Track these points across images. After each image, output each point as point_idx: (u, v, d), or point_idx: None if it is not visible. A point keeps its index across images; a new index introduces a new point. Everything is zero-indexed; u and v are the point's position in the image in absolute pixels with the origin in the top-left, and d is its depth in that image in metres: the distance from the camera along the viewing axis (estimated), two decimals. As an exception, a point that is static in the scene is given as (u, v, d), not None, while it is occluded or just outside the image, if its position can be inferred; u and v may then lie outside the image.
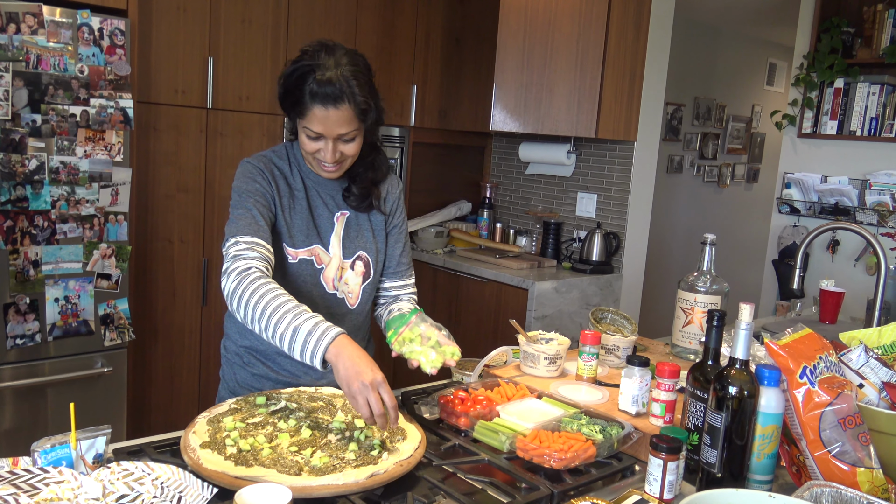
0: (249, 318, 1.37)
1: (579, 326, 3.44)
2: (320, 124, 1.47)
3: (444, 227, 4.08)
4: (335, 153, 1.52)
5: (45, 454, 1.05)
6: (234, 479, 1.11)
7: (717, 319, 1.34)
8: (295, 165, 1.64)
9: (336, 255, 1.64)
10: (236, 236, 1.48)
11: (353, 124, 1.49)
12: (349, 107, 1.46)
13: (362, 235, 1.68)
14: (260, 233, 1.49)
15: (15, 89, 2.33)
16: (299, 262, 1.60)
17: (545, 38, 3.35)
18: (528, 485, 1.25)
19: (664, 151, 5.09)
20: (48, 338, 2.51)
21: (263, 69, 3.21)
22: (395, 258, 1.75)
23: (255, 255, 1.45)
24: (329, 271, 1.63)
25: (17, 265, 2.41)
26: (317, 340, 1.29)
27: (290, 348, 1.32)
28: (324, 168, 1.57)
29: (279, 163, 1.63)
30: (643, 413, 1.50)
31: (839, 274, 3.84)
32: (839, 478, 1.20)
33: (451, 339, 1.51)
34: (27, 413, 2.52)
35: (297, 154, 1.66)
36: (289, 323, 1.32)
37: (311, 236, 1.61)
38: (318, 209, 1.64)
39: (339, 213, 1.66)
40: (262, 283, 1.38)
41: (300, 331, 1.31)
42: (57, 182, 2.45)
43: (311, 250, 1.61)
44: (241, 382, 1.67)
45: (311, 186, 1.65)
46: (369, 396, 1.24)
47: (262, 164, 1.59)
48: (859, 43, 3.89)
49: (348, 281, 1.66)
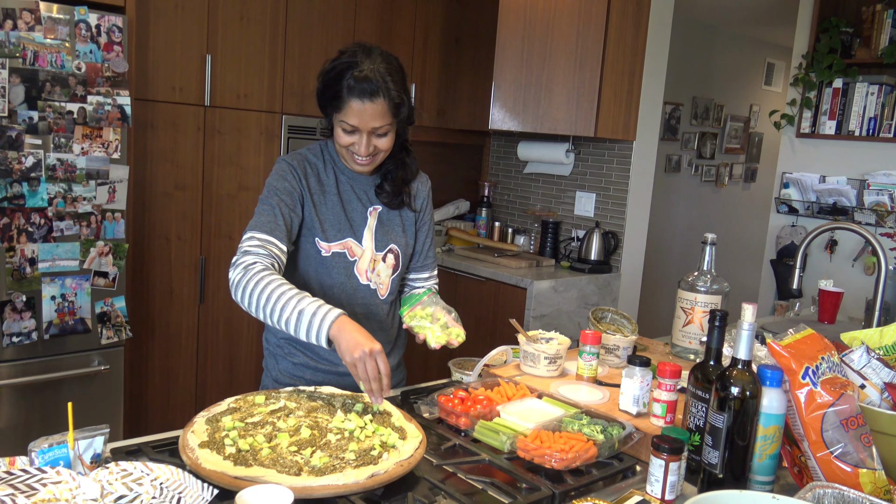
0: (255, 307, 1.45)
1: (577, 326, 3.44)
2: (356, 117, 1.55)
3: (443, 226, 4.07)
4: (369, 146, 1.60)
5: (43, 454, 1.03)
6: (233, 480, 1.10)
7: (720, 319, 1.33)
8: (329, 162, 1.72)
9: (369, 247, 1.71)
10: (253, 231, 1.57)
11: (386, 118, 1.57)
12: (384, 101, 1.54)
13: (393, 230, 1.76)
14: (276, 231, 1.57)
15: (11, 86, 2.31)
16: (332, 256, 1.67)
17: (544, 37, 3.34)
18: (529, 485, 1.24)
19: (662, 151, 5.09)
20: (45, 336, 2.49)
21: (261, 67, 3.19)
22: (423, 252, 1.85)
23: (264, 252, 1.54)
24: (362, 263, 1.71)
25: (13, 263, 2.39)
26: (321, 320, 1.39)
27: (297, 330, 1.41)
28: (357, 162, 1.63)
29: (313, 160, 1.71)
30: (644, 413, 1.50)
31: (837, 274, 3.85)
32: (841, 479, 1.19)
33: (458, 322, 1.63)
34: (23, 411, 2.50)
35: (331, 151, 1.73)
36: (294, 307, 1.41)
37: (343, 230, 1.68)
38: (352, 203, 1.71)
39: (373, 208, 1.74)
40: (266, 275, 1.47)
41: (305, 313, 1.40)
42: (54, 179, 2.44)
43: (344, 244, 1.69)
44: (284, 371, 1.75)
45: (345, 181, 1.72)
46: (367, 362, 1.34)
47: (295, 162, 1.67)
48: (858, 43, 3.89)
49: (380, 273, 1.74)
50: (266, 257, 1.53)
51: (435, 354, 1.74)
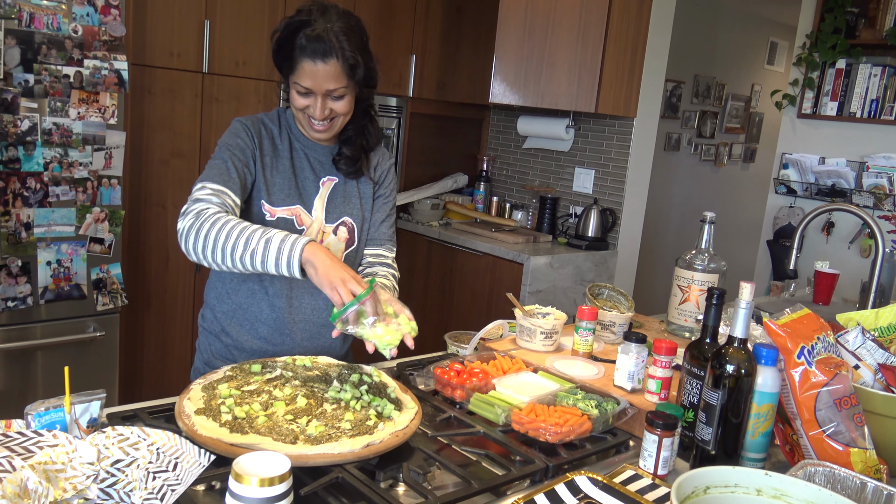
0: (211, 248, 1.38)
1: (573, 302, 3.45)
2: (309, 79, 1.49)
3: (440, 200, 4.06)
4: (324, 109, 1.53)
5: (39, 417, 1.04)
6: (229, 447, 1.11)
7: (717, 298, 1.34)
8: (285, 128, 1.67)
9: (318, 218, 1.64)
10: (204, 182, 1.50)
11: (341, 80, 1.50)
12: (337, 62, 1.48)
13: (349, 202, 1.68)
14: (230, 183, 1.51)
15: (7, 48, 2.28)
16: (277, 221, 1.60)
17: (547, 10, 3.31)
18: (522, 458, 1.25)
19: (662, 129, 5.06)
20: (40, 301, 2.49)
21: (260, 34, 3.15)
22: (375, 225, 1.74)
23: (217, 200, 1.47)
24: (310, 234, 1.63)
25: (8, 227, 2.38)
26: (290, 247, 1.34)
27: (264, 261, 1.35)
28: (314, 127, 1.58)
29: (269, 123, 1.65)
30: (638, 389, 1.50)
31: (833, 255, 3.85)
32: (833, 457, 1.20)
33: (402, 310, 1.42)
34: (18, 376, 2.51)
35: (288, 118, 1.68)
36: (259, 238, 1.36)
37: (291, 196, 1.62)
38: (304, 171, 1.65)
39: (326, 178, 1.67)
40: (223, 216, 1.41)
41: (272, 241, 1.35)
42: (50, 144, 2.42)
43: (292, 210, 1.62)
44: (216, 353, 1.69)
45: (299, 149, 1.66)
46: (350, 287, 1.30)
47: (249, 123, 1.62)
48: (863, 23, 3.85)
49: (330, 245, 1.66)
50: (220, 205, 1.45)
51: (430, 327, 1.73)
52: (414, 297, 3.75)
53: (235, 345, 1.67)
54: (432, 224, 3.83)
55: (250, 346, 1.66)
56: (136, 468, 0.91)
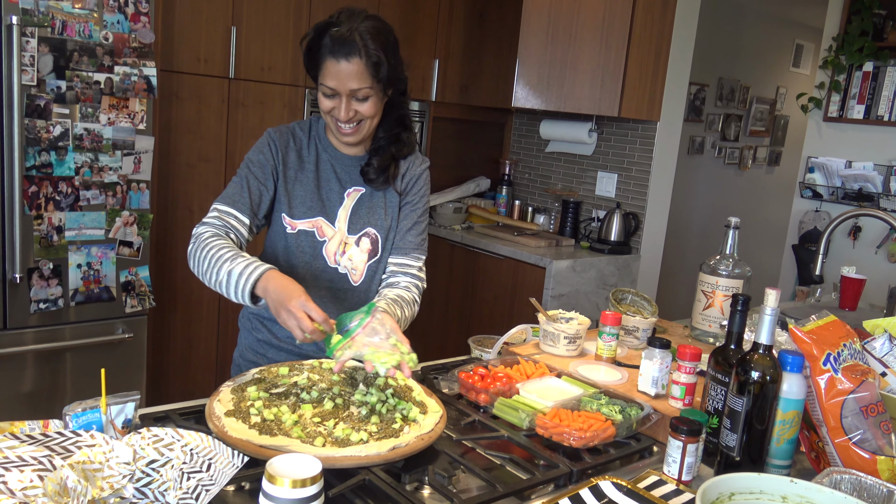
0: (200, 273, 1.46)
1: (596, 306, 3.44)
2: (333, 78, 1.50)
3: (463, 203, 4.07)
4: (349, 111, 1.53)
5: (77, 418, 1.07)
6: (258, 448, 1.13)
7: (742, 304, 1.33)
8: (314, 138, 1.68)
9: (341, 229, 1.64)
10: (217, 203, 1.58)
11: (364, 80, 1.50)
12: (360, 60, 1.48)
13: (374, 213, 1.67)
14: (239, 203, 1.57)
15: (40, 55, 2.33)
16: (298, 234, 1.62)
17: (570, 14, 3.31)
18: (546, 462, 1.26)
19: (686, 132, 5.04)
20: (70, 303, 2.54)
21: (286, 40, 3.19)
22: (401, 233, 1.70)
23: (219, 223, 1.54)
24: (332, 245, 1.64)
25: (40, 230, 2.43)
26: (246, 278, 1.38)
27: (227, 291, 1.41)
28: (341, 130, 1.57)
29: (299, 133, 1.67)
30: (662, 395, 1.51)
31: (860, 260, 3.81)
32: (859, 465, 1.20)
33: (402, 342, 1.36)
34: (48, 377, 2.56)
35: (319, 129, 1.69)
36: (227, 269, 1.40)
37: (313, 209, 1.63)
38: (330, 182, 1.65)
39: (352, 189, 1.66)
40: (212, 241, 1.47)
41: (233, 272, 1.40)
42: (81, 149, 2.47)
43: (313, 222, 1.63)
44: (249, 347, 1.74)
45: (326, 160, 1.66)
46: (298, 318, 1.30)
47: (276, 135, 1.64)
48: (891, 26, 3.81)
49: (352, 257, 1.65)
50: (220, 227, 1.53)
51: (452, 331, 1.74)
52: (436, 301, 3.76)
53: (266, 340, 1.71)
54: (455, 228, 3.84)
55: (277, 344, 1.70)
56: (170, 468, 0.93)
